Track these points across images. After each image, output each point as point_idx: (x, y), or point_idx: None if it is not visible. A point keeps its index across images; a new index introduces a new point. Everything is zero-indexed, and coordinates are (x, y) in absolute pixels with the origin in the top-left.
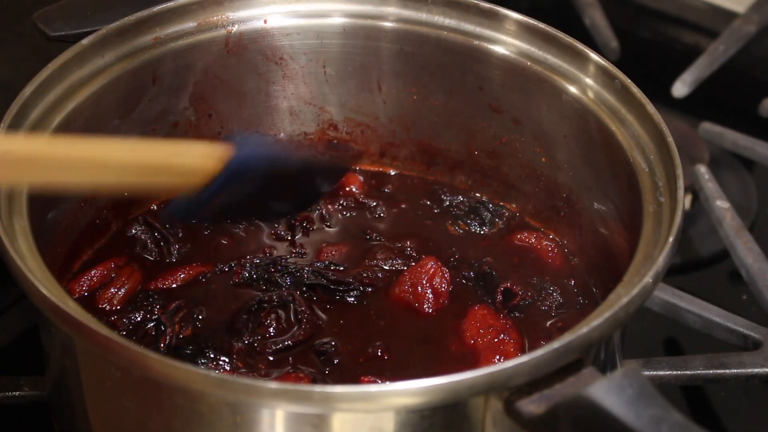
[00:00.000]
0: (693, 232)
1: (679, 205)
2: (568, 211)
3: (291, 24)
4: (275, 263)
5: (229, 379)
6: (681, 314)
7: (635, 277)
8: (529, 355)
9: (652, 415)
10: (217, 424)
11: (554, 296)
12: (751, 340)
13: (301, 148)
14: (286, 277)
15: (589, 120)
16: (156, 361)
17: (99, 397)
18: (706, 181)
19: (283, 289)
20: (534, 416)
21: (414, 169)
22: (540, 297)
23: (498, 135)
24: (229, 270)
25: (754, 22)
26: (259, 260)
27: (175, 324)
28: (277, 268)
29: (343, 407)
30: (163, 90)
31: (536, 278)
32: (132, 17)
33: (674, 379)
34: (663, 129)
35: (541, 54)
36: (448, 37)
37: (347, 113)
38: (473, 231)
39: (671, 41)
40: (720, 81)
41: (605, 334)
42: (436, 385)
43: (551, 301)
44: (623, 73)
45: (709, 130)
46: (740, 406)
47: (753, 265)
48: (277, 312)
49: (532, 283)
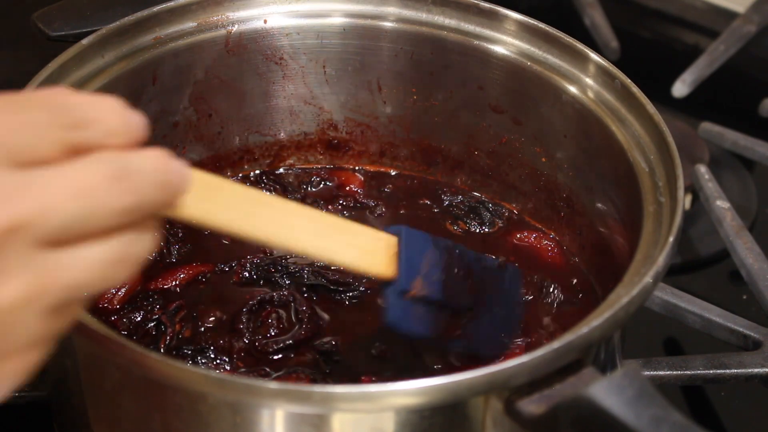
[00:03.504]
0: (693, 232)
1: (679, 205)
2: (568, 211)
3: (291, 24)
4: (275, 263)
5: (229, 379)
6: (681, 314)
7: (635, 277)
8: (529, 355)
9: (652, 415)
10: (217, 424)
11: (554, 296)
12: (751, 340)
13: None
14: (285, 277)
15: (589, 120)
16: (156, 361)
17: (99, 397)
18: (706, 181)
19: (284, 289)
20: (534, 416)
21: (414, 169)
22: (540, 296)
23: (498, 135)
24: (230, 270)
25: (754, 22)
26: (259, 260)
27: (176, 324)
28: (276, 268)
29: (343, 407)
30: (163, 90)
31: (536, 278)
32: (132, 17)
33: (674, 379)
34: (663, 129)
35: (541, 54)
36: (448, 37)
37: (347, 113)
38: (473, 231)
39: (671, 41)
40: (720, 81)
41: (605, 334)
42: (436, 385)
43: (551, 301)
44: (623, 73)
45: (709, 130)
46: (740, 406)
47: (753, 265)
48: (278, 312)
49: (532, 282)
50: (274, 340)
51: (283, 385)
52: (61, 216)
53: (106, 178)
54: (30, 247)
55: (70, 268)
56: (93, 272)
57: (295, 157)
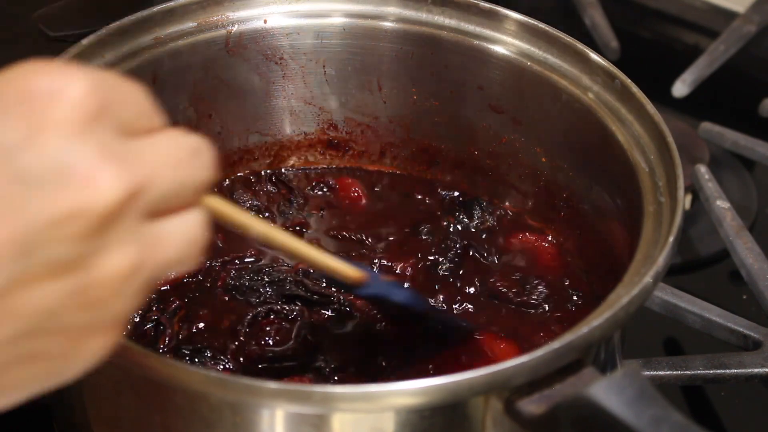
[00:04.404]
0: (693, 232)
1: (679, 205)
2: (568, 211)
3: (291, 24)
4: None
5: (229, 379)
6: (681, 314)
7: (635, 277)
8: (529, 355)
9: (652, 415)
10: (217, 424)
11: (554, 296)
12: (751, 340)
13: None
14: (267, 285)
15: (589, 120)
16: (156, 361)
17: (99, 397)
18: (706, 181)
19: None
20: (534, 416)
21: (414, 169)
22: (540, 297)
23: (498, 135)
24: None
25: (754, 22)
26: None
27: (175, 324)
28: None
29: (343, 407)
30: (163, 90)
31: (536, 278)
32: (132, 17)
33: (674, 379)
34: (663, 129)
35: (541, 54)
36: (448, 37)
37: (347, 113)
38: (473, 230)
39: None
40: (720, 81)
41: (605, 334)
42: (436, 385)
43: (551, 301)
44: (623, 73)
45: (709, 130)
46: (740, 406)
47: (753, 265)
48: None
49: (532, 282)
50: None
51: (283, 385)
52: (165, 185)
53: (189, 152)
54: (139, 217)
55: (166, 243)
56: (180, 248)
57: (295, 157)
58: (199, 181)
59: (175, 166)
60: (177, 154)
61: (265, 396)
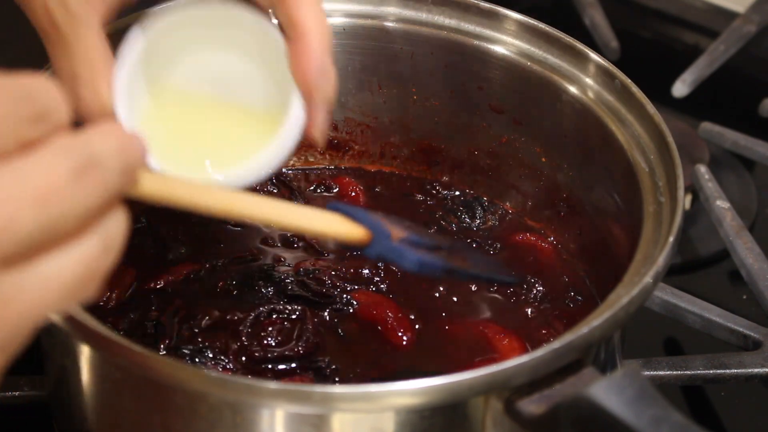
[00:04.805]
0: (693, 232)
1: (679, 205)
2: (568, 211)
3: None
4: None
5: (229, 379)
6: (681, 314)
7: (635, 277)
8: (529, 355)
9: (652, 415)
10: (217, 424)
11: (554, 296)
12: (751, 340)
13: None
14: (268, 286)
15: (589, 120)
16: (156, 361)
17: (99, 397)
18: (706, 181)
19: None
20: (534, 416)
21: (414, 169)
22: (539, 297)
23: (498, 135)
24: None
25: (754, 22)
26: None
27: (175, 324)
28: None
29: (343, 407)
30: None
31: (536, 278)
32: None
33: (674, 379)
34: (663, 129)
35: (541, 54)
36: (448, 37)
37: (347, 113)
38: (473, 230)
39: (671, 41)
40: (720, 81)
41: (605, 334)
42: (436, 385)
43: (551, 301)
44: (623, 73)
45: (709, 130)
46: (740, 406)
47: (753, 265)
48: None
49: (531, 282)
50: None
51: (283, 385)
52: (24, 229)
53: (71, 172)
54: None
55: (33, 290)
56: (65, 286)
57: (295, 157)
58: (90, 206)
59: (45, 201)
60: (50, 183)
61: (265, 396)
